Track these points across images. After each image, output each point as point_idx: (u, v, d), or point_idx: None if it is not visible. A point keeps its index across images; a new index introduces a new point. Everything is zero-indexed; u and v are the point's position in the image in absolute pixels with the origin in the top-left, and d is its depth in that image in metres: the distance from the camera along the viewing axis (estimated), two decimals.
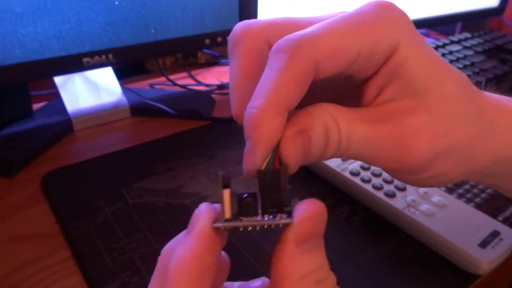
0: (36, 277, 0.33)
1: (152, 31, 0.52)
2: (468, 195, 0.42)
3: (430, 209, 0.37)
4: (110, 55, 0.50)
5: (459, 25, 1.04)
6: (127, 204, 0.40)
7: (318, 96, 0.25)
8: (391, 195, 0.39)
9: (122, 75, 0.64)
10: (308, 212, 0.18)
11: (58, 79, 0.57)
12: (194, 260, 0.17)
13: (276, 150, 0.18)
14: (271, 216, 0.18)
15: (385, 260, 0.35)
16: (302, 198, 0.42)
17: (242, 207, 0.18)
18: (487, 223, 0.37)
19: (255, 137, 0.18)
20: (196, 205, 0.41)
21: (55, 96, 0.59)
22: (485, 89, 0.24)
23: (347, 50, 0.19)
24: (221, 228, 0.18)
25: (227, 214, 0.18)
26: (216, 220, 0.18)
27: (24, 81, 0.52)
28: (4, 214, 0.40)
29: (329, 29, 0.19)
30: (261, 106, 0.18)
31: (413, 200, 0.39)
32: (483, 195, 0.42)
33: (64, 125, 0.53)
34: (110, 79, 0.61)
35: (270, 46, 0.21)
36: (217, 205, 0.19)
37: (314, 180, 0.45)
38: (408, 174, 0.21)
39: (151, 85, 0.70)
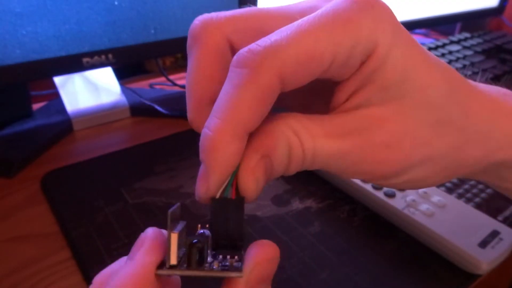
0: (36, 277, 0.33)
1: (152, 31, 0.52)
2: (468, 195, 0.42)
3: (430, 209, 0.37)
4: (110, 55, 0.50)
5: (458, 25, 1.05)
6: (127, 204, 0.40)
7: (287, 98, 0.23)
8: (390, 195, 0.39)
9: (122, 75, 0.64)
10: (262, 257, 0.17)
11: (58, 79, 0.57)
12: None
13: (234, 177, 0.17)
14: (220, 258, 0.17)
15: (384, 260, 0.35)
16: (302, 198, 0.42)
17: (191, 253, 0.17)
18: (486, 223, 0.37)
19: (210, 162, 0.16)
20: (196, 205, 0.41)
21: (55, 96, 0.59)
22: None
23: (318, 59, 0.16)
24: (164, 275, 0.17)
25: (173, 260, 0.16)
26: (160, 255, 0.17)
27: (24, 81, 0.52)
28: (4, 214, 0.40)
29: (298, 35, 0.16)
30: (218, 129, 0.16)
31: (413, 200, 0.39)
32: (483, 195, 0.42)
33: (64, 125, 0.53)
34: (110, 79, 0.61)
35: (231, 43, 0.19)
36: (164, 235, 0.18)
37: (314, 180, 0.45)
38: (381, 182, 0.20)
39: (151, 85, 0.70)
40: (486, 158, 0.21)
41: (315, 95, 0.23)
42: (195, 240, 0.17)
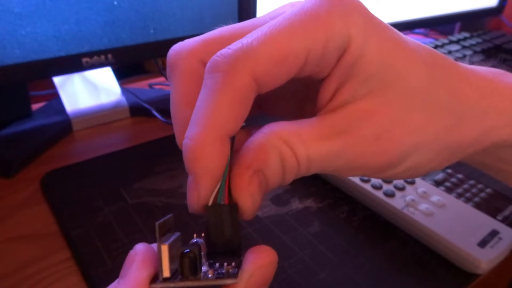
0: (36, 277, 0.33)
1: (152, 31, 0.52)
2: (467, 195, 0.42)
3: (429, 209, 0.38)
4: (109, 55, 0.50)
5: (458, 25, 1.05)
6: (126, 204, 0.40)
7: (278, 105, 0.23)
8: (390, 195, 0.39)
9: (121, 75, 0.64)
10: (260, 262, 0.17)
11: (57, 79, 0.57)
12: None
13: (225, 182, 0.17)
14: (217, 265, 0.17)
15: (384, 259, 0.35)
16: (302, 198, 0.42)
17: (183, 263, 0.16)
18: (486, 223, 0.37)
19: (195, 170, 0.16)
20: None
21: (54, 96, 0.59)
22: None
23: (291, 57, 0.16)
24: None
25: (165, 273, 0.16)
26: (152, 269, 0.17)
27: (24, 81, 0.52)
28: (4, 214, 0.40)
29: (268, 35, 0.16)
30: (197, 137, 0.16)
31: (412, 200, 0.39)
32: (482, 195, 0.42)
33: (64, 125, 0.53)
34: (110, 79, 0.61)
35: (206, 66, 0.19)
36: (155, 246, 0.18)
37: (314, 180, 0.45)
38: (380, 174, 0.20)
39: (150, 85, 0.70)
40: (482, 138, 0.21)
41: (305, 99, 0.23)
42: (187, 250, 0.16)
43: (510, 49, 0.82)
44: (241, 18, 0.57)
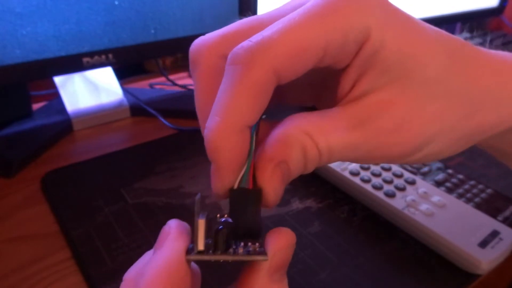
0: (36, 277, 0.33)
1: (152, 31, 0.52)
2: (468, 195, 0.42)
3: (430, 209, 0.37)
4: (110, 55, 0.50)
5: (458, 25, 1.05)
6: (126, 204, 0.40)
7: (297, 93, 0.24)
8: (390, 195, 0.39)
9: (122, 75, 0.64)
10: (282, 243, 0.18)
11: (57, 79, 0.57)
12: (167, 277, 0.16)
13: (250, 167, 0.17)
14: (242, 244, 0.18)
15: (384, 260, 0.35)
16: (302, 198, 0.42)
17: (218, 238, 0.17)
18: (486, 223, 0.37)
19: (216, 160, 0.17)
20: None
21: (55, 96, 0.59)
22: None
23: (311, 50, 0.17)
24: (193, 260, 0.18)
25: (200, 246, 0.17)
26: (187, 242, 0.18)
27: (24, 81, 0.52)
28: (4, 214, 0.40)
29: (287, 28, 0.17)
30: (216, 127, 0.16)
31: (413, 200, 0.39)
32: (483, 195, 0.42)
33: (64, 125, 0.53)
34: (110, 79, 0.61)
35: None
36: (187, 225, 0.19)
37: (314, 180, 0.45)
38: (398, 161, 0.20)
39: (151, 85, 0.70)
40: (500, 123, 0.21)
41: (322, 88, 0.23)
42: (221, 227, 0.17)
43: (511, 50, 0.82)
44: (241, 18, 0.57)
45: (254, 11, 0.60)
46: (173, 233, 0.18)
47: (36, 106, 0.58)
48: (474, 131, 0.20)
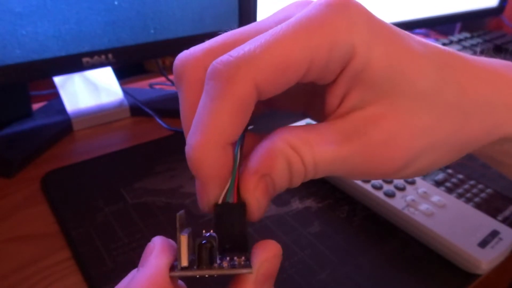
0: (36, 277, 0.33)
1: (152, 31, 0.52)
2: (468, 195, 0.42)
3: (430, 209, 0.37)
4: (110, 55, 0.50)
5: (458, 25, 1.05)
6: (126, 204, 0.40)
7: (287, 102, 0.24)
8: (390, 195, 0.39)
9: (121, 75, 0.64)
10: (266, 255, 0.18)
11: (57, 79, 0.57)
12: None
13: (234, 182, 0.17)
14: (227, 258, 0.18)
15: (384, 260, 0.35)
16: (302, 198, 0.42)
17: (201, 253, 0.17)
18: (486, 223, 0.37)
19: (199, 176, 0.17)
20: (196, 205, 0.41)
21: (55, 96, 0.59)
22: None
23: (294, 65, 0.16)
24: (177, 277, 0.18)
25: (184, 261, 0.17)
26: (171, 258, 0.18)
27: (24, 81, 0.52)
28: (4, 214, 0.40)
29: (270, 43, 0.16)
30: (197, 145, 0.17)
31: (413, 200, 0.39)
32: (483, 195, 0.42)
33: (64, 125, 0.53)
34: (110, 79, 0.61)
35: None
36: (172, 242, 0.19)
37: (314, 180, 0.44)
38: (388, 177, 0.20)
39: (150, 85, 0.70)
40: (491, 132, 0.21)
41: (313, 95, 0.23)
42: (204, 241, 0.17)
43: (510, 50, 0.82)
44: (241, 18, 0.57)
45: (254, 11, 0.60)
46: (156, 250, 0.18)
47: (36, 106, 0.58)
48: (465, 141, 0.20)
